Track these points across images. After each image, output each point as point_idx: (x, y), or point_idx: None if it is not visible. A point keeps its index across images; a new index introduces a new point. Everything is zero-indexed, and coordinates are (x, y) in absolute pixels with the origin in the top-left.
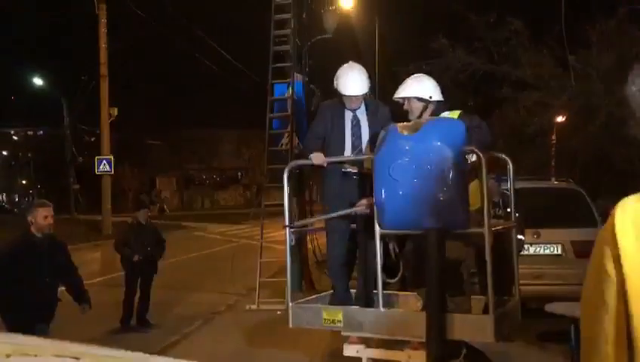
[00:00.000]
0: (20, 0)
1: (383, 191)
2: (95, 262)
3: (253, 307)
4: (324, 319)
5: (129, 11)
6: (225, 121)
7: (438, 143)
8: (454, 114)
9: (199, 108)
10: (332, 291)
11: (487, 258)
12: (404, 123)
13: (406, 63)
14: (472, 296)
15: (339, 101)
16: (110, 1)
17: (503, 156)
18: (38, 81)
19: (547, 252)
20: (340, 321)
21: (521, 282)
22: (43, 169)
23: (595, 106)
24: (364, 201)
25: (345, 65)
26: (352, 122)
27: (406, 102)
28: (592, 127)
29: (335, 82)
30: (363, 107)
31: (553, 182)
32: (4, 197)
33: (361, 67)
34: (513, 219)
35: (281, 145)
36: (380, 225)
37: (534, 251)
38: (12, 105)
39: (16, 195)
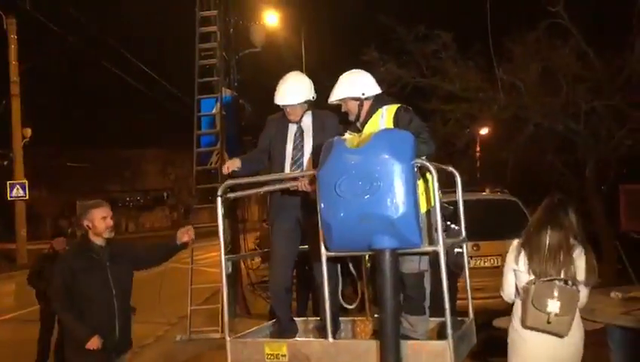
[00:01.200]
0: None
1: (328, 209)
2: (8, 295)
3: (185, 337)
4: (267, 354)
5: (42, 26)
6: (149, 141)
7: (387, 156)
8: (391, 109)
9: (121, 128)
10: (274, 320)
11: (443, 276)
12: (350, 135)
13: (337, 77)
14: (423, 318)
15: (284, 114)
16: (20, 16)
17: (451, 169)
18: None
19: (487, 264)
20: (284, 355)
21: (463, 296)
22: None
23: (523, 117)
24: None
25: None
26: (295, 135)
27: (343, 105)
28: (521, 138)
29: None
30: (309, 119)
31: (487, 193)
32: None
33: (298, 76)
34: (463, 234)
35: (210, 163)
36: (326, 248)
37: (475, 264)
38: None
39: None
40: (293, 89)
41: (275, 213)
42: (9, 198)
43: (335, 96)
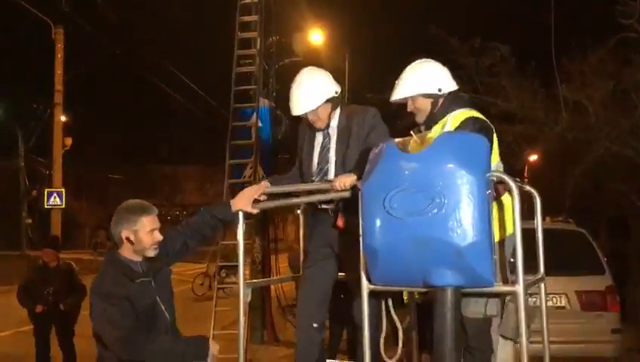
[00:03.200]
0: None
1: (374, 231)
2: None
3: None
4: None
5: (89, 38)
6: (188, 157)
7: (453, 165)
8: (458, 118)
9: (162, 143)
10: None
11: (521, 325)
12: (405, 137)
13: (381, 90)
14: None
15: None
16: (68, 26)
17: (528, 188)
18: None
19: (549, 304)
20: None
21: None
22: None
23: (588, 139)
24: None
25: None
26: (321, 143)
27: (409, 103)
28: (586, 161)
29: None
30: (335, 120)
31: (548, 222)
32: None
33: (310, 74)
34: (542, 271)
35: (244, 177)
36: (368, 279)
37: (533, 303)
38: None
39: None
40: (308, 92)
41: (308, 233)
42: (46, 206)
43: (402, 93)
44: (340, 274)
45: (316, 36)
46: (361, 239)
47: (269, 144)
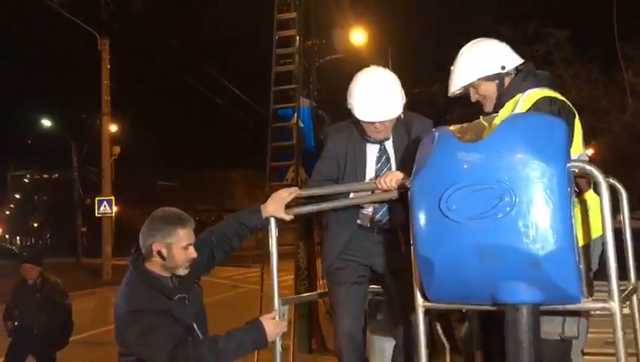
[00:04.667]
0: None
1: (428, 238)
2: (86, 312)
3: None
4: None
5: (133, 46)
6: (236, 162)
7: (524, 154)
8: (532, 97)
9: (210, 149)
10: None
11: (620, 349)
12: (462, 125)
13: (430, 83)
14: None
15: (355, 127)
16: (114, 38)
17: (612, 181)
18: (46, 122)
19: (626, 311)
20: None
21: (591, 351)
22: (53, 212)
23: None
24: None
25: (362, 72)
26: (377, 159)
27: (472, 92)
28: None
29: (348, 99)
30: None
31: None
32: (17, 240)
33: (387, 74)
34: (633, 280)
35: (286, 179)
36: (423, 296)
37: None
38: (27, 147)
39: (24, 239)
40: (395, 97)
41: (341, 244)
42: (97, 215)
43: (461, 81)
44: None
45: (357, 33)
46: (412, 247)
47: (311, 145)
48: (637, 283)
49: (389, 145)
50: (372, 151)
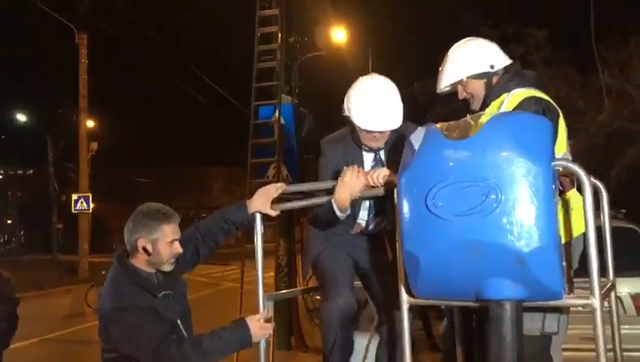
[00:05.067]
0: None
1: (415, 234)
2: (61, 309)
3: None
4: None
5: (111, 40)
6: (214, 159)
7: (510, 152)
8: (517, 97)
9: (188, 145)
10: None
11: (599, 344)
12: (449, 122)
13: (410, 81)
14: None
15: (350, 135)
16: (92, 31)
17: (593, 180)
18: (22, 117)
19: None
20: None
21: (567, 346)
22: (28, 208)
23: (634, 129)
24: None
25: (363, 79)
26: (372, 168)
27: (460, 89)
28: (633, 151)
29: (346, 106)
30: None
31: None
32: None
33: (389, 83)
34: (612, 277)
35: (267, 176)
36: (409, 292)
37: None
38: (1, 142)
39: None
40: (395, 107)
41: (321, 245)
42: (73, 211)
43: (449, 79)
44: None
45: (338, 31)
46: (397, 244)
47: (292, 142)
48: (615, 280)
49: (383, 154)
50: (368, 159)
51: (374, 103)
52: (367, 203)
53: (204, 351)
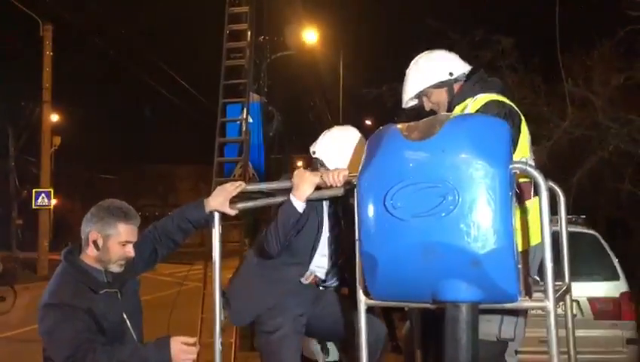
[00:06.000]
0: None
1: (373, 235)
2: (18, 309)
3: None
4: None
5: (77, 33)
6: (181, 157)
7: (468, 155)
8: (480, 101)
9: (155, 143)
10: None
11: (552, 347)
12: (410, 123)
13: (378, 85)
14: None
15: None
16: (57, 23)
17: (551, 184)
18: None
19: (559, 311)
20: None
21: (526, 349)
22: None
23: (596, 137)
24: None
25: (337, 129)
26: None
27: (425, 101)
28: (592, 160)
29: (318, 150)
30: None
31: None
32: None
33: (359, 137)
34: (567, 280)
35: (233, 175)
36: (366, 293)
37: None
38: None
39: None
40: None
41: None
42: (34, 207)
43: (411, 92)
44: None
45: (310, 31)
46: (357, 244)
47: (259, 141)
48: (570, 284)
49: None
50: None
51: (345, 154)
52: (325, 248)
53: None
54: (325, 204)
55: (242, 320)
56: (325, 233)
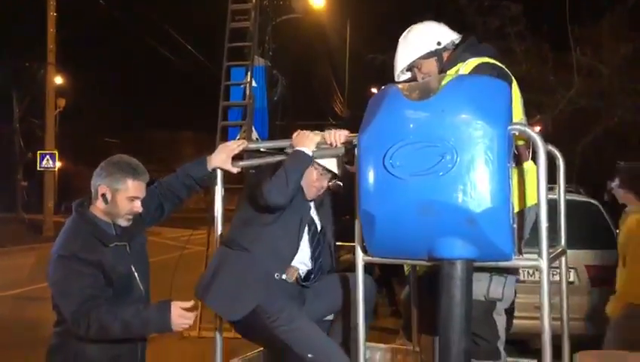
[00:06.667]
0: None
1: (372, 193)
2: (24, 268)
3: (193, 333)
4: None
5: None
6: (187, 123)
7: (468, 115)
8: (471, 64)
9: (160, 109)
10: None
11: (544, 304)
12: (411, 83)
13: (383, 50)
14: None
15: None
16: None
17: (551, 148)
18: None
19: (556, 278)
20: None
21: (521, 315)
22: None
23: (602, 107)
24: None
25: None
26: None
27: (416, 73)
28: (598, 129)
29: None
30: None
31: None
32: None
33: None
34: (563, 243)
35: (237, 139)
36: (364, 250)
37: (540, 277)
38: None
39: None
40: None
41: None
42: (39, 169)
43: (401, 65)
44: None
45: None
46: (356, 202)
47: (263, 105)
48: (566, 247)
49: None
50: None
51: None
52: (307, 247)
53: (123, 325)
54: (308, 203)
55: (234, 316)
56: (306, 232)
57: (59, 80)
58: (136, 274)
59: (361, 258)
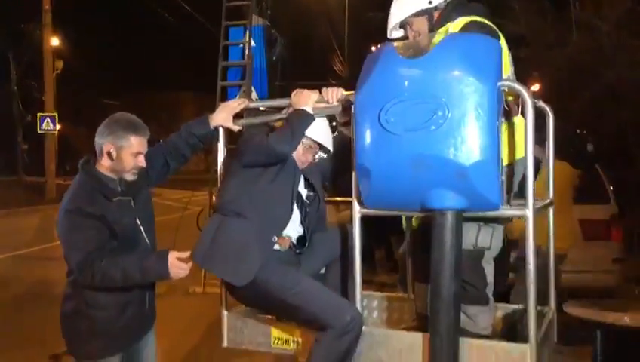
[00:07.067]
0: None
1: (367, 148)
2: (28, 229)
3: (198, 290)
4: (275, 338)
5: None
6: (187, 84)
7: (460, 72)
8: (459, 23)
9: (159, 70)
10: None
11: (529, 253)
12: (405, 41)
13: (383, 8)
14: (485, 308)
15: None
16: None
17: (541, 103)
18: None
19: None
20: (296, 342)
21: None
22: None
23: (599, 65)
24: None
25: None
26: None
27: (408, 31)
28: (596, 87)
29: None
30: None
31: None
32: None
33: None
34: (551, 196)
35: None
36: (360, 203)
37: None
38: None
39: None
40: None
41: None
42: (39, 131)
43: (394, 20)
44: None
45: None
46: (352, 157)
47: (262, 65)
48: (554, 200)
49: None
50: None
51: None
52: (298, 216)
53: (125, 273)
54: (299, 171)
55: (241, 280)
56: (296, 204)
57: (55, 41)
58: (141, 227)
59: (357, 210)
